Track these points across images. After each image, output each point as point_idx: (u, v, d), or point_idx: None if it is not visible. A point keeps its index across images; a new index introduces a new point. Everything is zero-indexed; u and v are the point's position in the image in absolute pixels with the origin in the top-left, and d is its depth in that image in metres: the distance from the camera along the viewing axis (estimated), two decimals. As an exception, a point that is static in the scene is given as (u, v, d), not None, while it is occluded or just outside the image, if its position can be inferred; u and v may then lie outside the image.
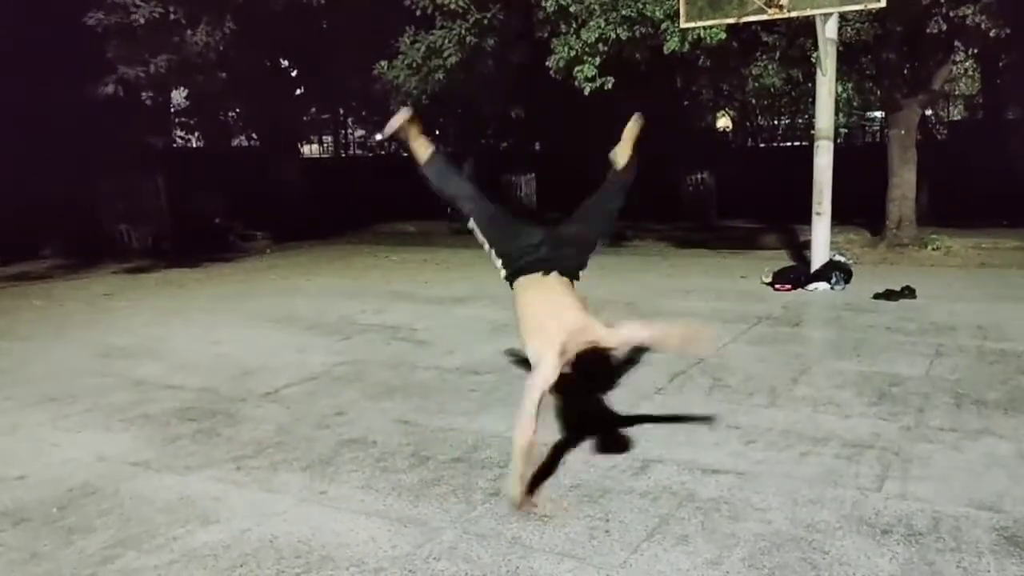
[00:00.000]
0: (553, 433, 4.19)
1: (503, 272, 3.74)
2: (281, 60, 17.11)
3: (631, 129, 4.09)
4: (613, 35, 10.09)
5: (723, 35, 9.67)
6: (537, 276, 3.58)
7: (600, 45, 10.21)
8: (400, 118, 3.90)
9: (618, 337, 3.45)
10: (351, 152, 27.32)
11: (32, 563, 3.02)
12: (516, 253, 3.68)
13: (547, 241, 3.70)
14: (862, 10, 8.96)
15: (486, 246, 3.79)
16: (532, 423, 3.09)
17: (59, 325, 7.72)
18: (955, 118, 21.95)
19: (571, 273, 3.69)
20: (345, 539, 3.12)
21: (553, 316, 3.33)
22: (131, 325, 7.61)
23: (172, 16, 10.66)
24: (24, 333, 7.40)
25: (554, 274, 3.57)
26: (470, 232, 3.82)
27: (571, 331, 3.24)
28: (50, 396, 5.23)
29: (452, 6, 10.95)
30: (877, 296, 7.79)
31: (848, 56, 10.84)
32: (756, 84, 11.64)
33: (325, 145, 27.76)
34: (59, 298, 9.38)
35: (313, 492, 3.57)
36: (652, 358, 5.73)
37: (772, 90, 12.76)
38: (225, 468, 3.90)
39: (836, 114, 9.78)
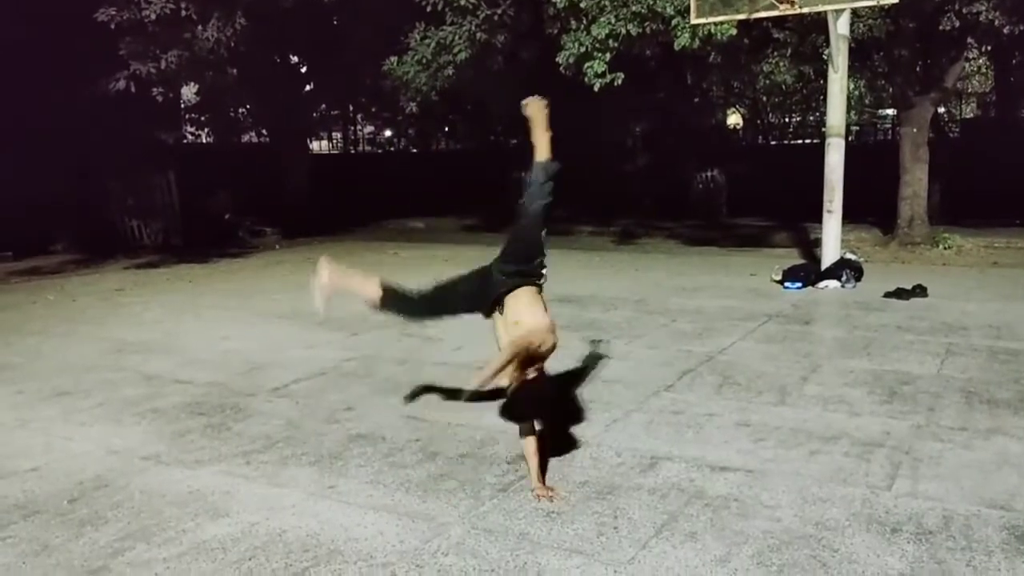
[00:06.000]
0: (561, 430, 4.19)
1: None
2: (291, 56, 17.14)
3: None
4: (623, 31, 10.07)
5: (734, 31, 9.63)
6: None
7: (610, 41, 10.19)
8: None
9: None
10: (360, 148, 27.39)
11: (43, 555, 3.04)
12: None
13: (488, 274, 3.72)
14: (874, 6, 8.91)
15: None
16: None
17: (71, 320, 7.77)
18: (968, 116, 21.79)
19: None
20: (353, 533, 3.13)
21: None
22: (142, 320, 7.66)
23: (183, 12, 10.71)
24: (36, 328, 7.45)
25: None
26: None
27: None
28: (62, 390, 5.26)
29: (462, 2, 10.95)
30: (888, 295, 7.75)
31: (860, 53, 10.79)
32: (767, 81, 11.64)
33: (335, 141, 27.83)
34: (71, 293, 9.44)
35: (322, 487, 3.59)
36: (662, 355, 5.73)
37: (783, 87, 12.74)
38: (234, 462, 3.91)
39: (848, 111, 9.74)
